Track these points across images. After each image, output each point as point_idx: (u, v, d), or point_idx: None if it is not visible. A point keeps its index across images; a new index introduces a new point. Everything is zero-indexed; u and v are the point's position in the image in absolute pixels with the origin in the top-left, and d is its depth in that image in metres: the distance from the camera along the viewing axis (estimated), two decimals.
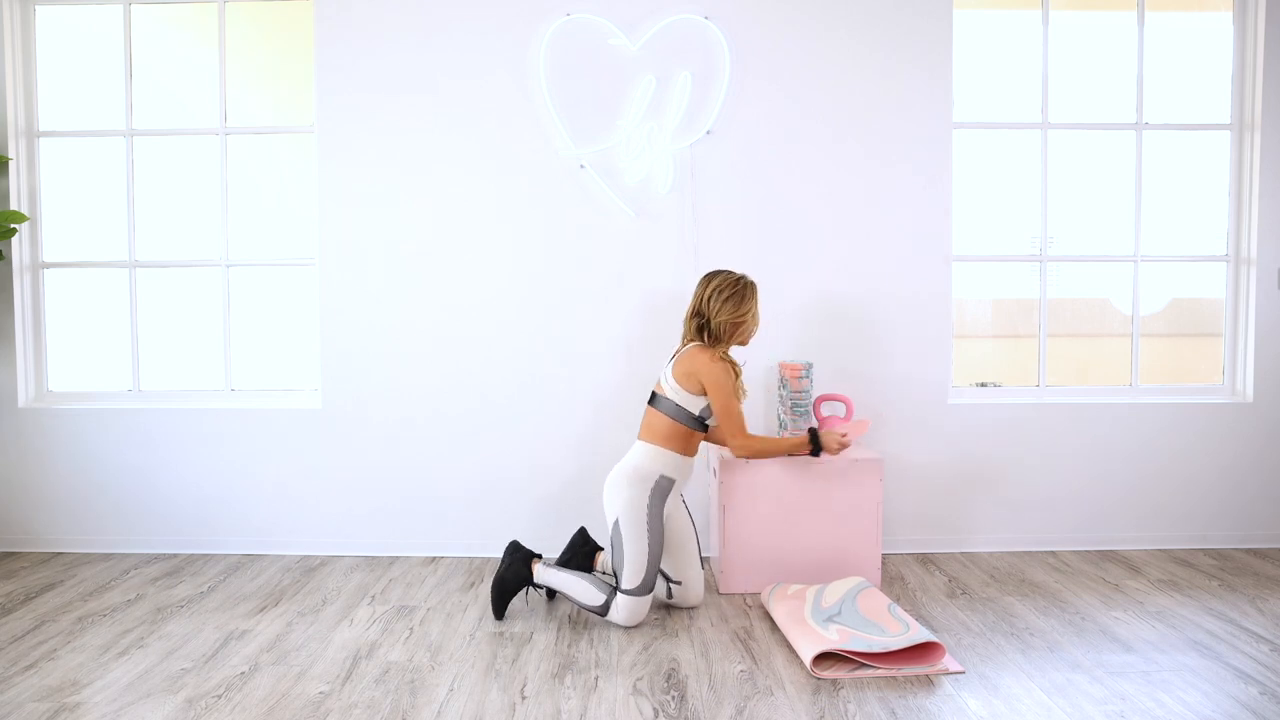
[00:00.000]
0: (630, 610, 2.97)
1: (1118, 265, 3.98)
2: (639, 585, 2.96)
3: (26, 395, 3.91)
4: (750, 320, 3.12)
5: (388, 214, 3.77)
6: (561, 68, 3.71)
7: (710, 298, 3.08)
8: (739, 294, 3.09)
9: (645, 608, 2.99)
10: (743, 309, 3.08)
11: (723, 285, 3.09)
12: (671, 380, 3.05)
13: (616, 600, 2.97)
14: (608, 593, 2.99)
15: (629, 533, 2.98)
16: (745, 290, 3.10)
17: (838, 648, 2.66)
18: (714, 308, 3.07)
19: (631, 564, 2.97)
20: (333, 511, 3.83)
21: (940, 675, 2.63)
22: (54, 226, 3.94)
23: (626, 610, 2.96)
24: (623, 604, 2.96)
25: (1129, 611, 3.13)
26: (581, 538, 3.35)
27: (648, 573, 2.97)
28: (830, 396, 3.66)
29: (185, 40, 3.95)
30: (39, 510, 3.89)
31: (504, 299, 3.78)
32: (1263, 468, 3.89)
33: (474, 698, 2.51)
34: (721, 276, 3.12)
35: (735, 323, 3.08)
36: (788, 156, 3.76)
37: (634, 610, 2.97)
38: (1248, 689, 2.54)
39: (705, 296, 3.09)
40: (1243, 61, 3.88)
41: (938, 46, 3.75)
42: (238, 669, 2.70)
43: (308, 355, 3.92)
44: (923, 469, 3.84)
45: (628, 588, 2.96)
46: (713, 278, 3.13)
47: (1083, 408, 3.86)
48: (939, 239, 3.80)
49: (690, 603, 3.17)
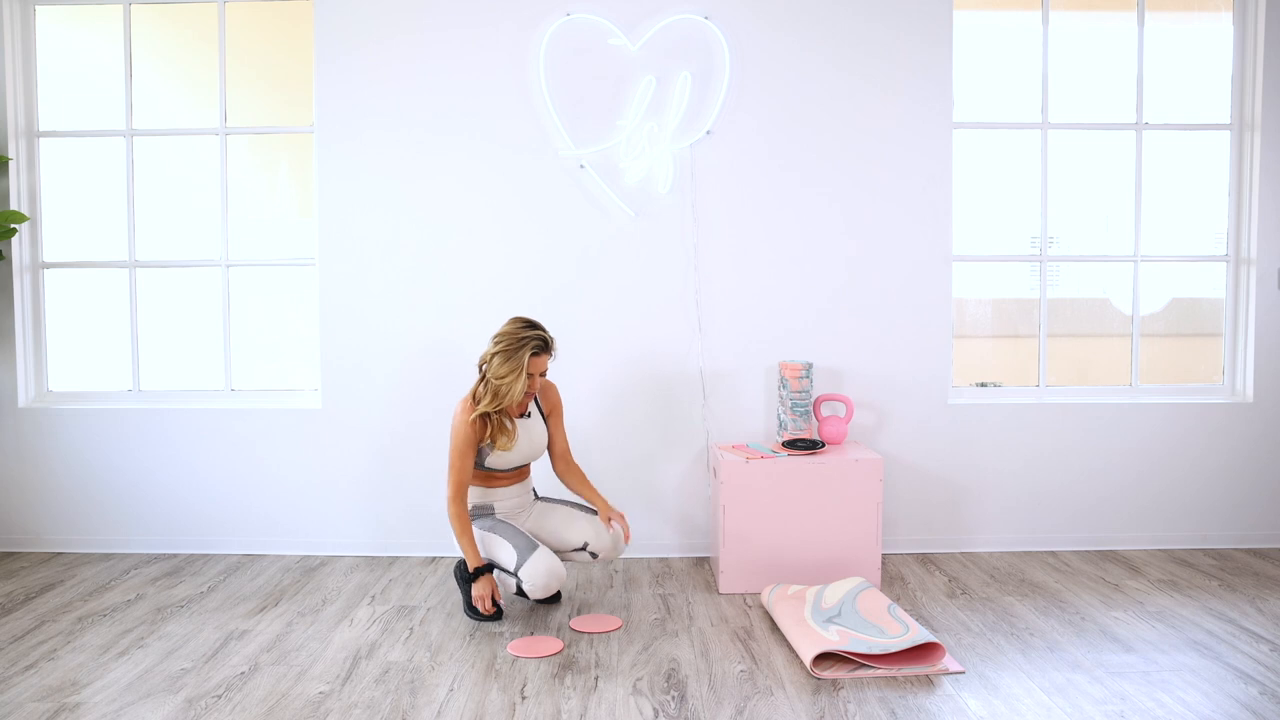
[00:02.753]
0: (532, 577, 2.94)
1: (1118, 265, 3.98)
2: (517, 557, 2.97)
3: (26, 395, 3.91)
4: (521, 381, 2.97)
5: (388, 214, 3.77)
6: (561, 68, 3.71)
7: (494, 364, 2.99)
8: (513, 354, 2.98)
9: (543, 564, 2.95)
10: (514, 369, 2.97)
11: (500, 342, 3.00)
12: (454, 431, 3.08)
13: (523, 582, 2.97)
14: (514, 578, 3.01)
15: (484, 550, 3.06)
16: (521, 349, 2.98)
17: (837, 648, 2.66)
18: (496, 370, 2.98)
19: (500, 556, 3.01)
20: (333, 511, 3.83)
21: (940, 675, 2.63)
22: (54, 226, 3.94)
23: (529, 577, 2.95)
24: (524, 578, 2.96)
25: (1129, 611, 3.14)
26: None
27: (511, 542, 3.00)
28: (830, 396, 3.66)
29: (182, 39, 3.95)
30: (39, 510, 3.89)
31: (504, 299, 3.77)
32: (1262, 468, 3.89)
33: (474, 698, 2.51)
34: (504, 329, 3.04)
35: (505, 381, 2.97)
36: (787, 156, 3.76)
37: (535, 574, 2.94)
38: (1248, 689, 2.54)
39: (488, 359, 3.03)
40: (1243, 61, 3.88)
41: (938, 47, 3.75)
42: (238, 669, 2.70)
43: (308, 355, 3.92)
44: (923, 469, 3.84)
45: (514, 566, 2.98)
46: (499, 332, 3.05)
47: (1083, 408, 3.86)
48: (939, 239, 3.80)
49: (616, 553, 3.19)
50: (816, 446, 3.48)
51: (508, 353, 2.97)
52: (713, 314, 3.78)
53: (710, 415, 3.78)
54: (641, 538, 3.74)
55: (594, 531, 3.16)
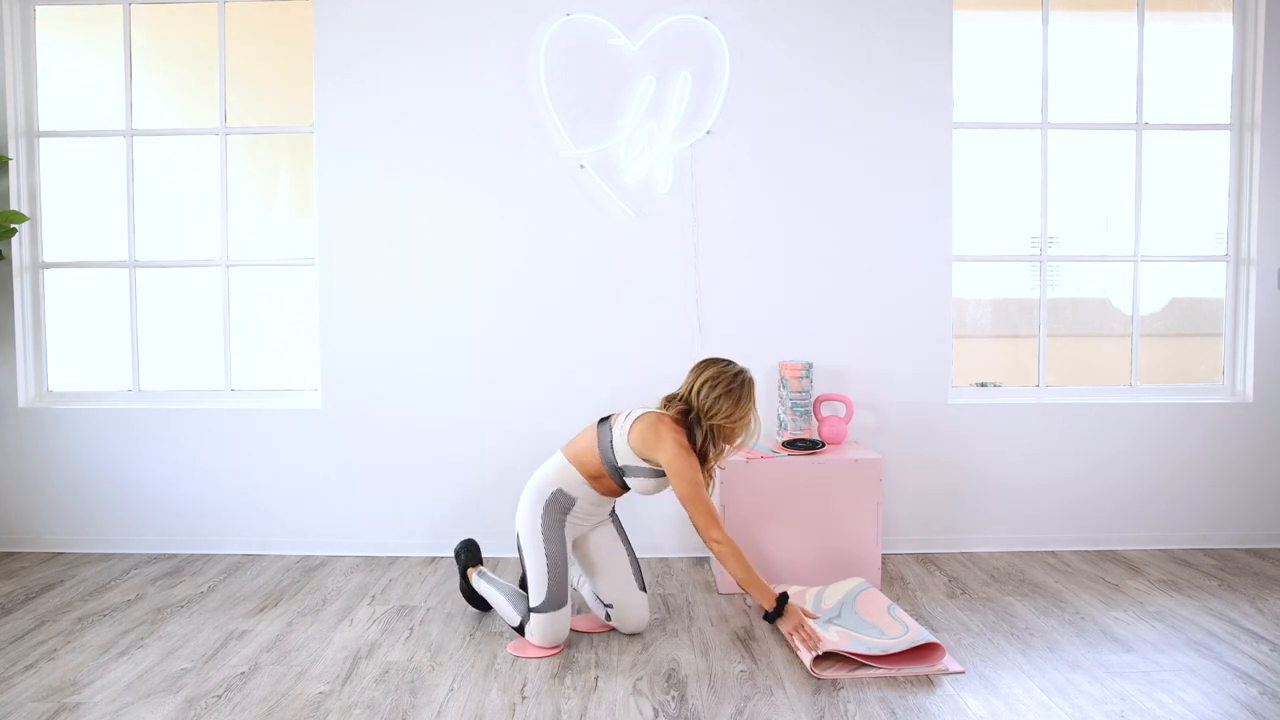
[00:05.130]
0: (543, 628, 2.76)
1: (1118, 265, 3.98)
2: (545, 600, 2.76)
3: (26, 395, 3.91)
4: (741, 426, 2.79)
5: (387, 214, 3.76)
6: (561, 68, 3.71)
7: (702, 389, 2.78)
8: (740, 397, 2.77)
9: (560, 626, 2.78)
10: (740, 414, 2.77)
11: (718, 378, 2.78)
12: (626, 433, 2.81)
13: (530, 621, 2.80)
14: (523, 614, 2.84)
15: (527, 545, 2.82)
16: (746, 391, 2.79)
17: (837, 648, 2.66)
18: (707, 403, 2.76)
19: (535, 577, 2.79)
20: (333, 511, 3.83)
21: (940, 675, 2.63)
22: (54, 226, 3.94)
23: (539, 630, 2.76)
24: (534, 624, 2.77)
25: (1129, 611, 3.14)
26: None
27: (551, 585, 2.76)
28: (830, 396, 3.66)
29: (182, 39, 3.95)
30: (39, 510, 3.88)
31: (503, 299, 3.78)
32: (1263, 467, 3.89)
33: (474, 698, 2.51)
34: (717, 368, 2.81)
35: (729, 426, 2.78)
36: (787, 156, 3.76)
37: (546, 629, 2.76)
38: (1248, 689, 2.54)
39: (696, 387, 2.80)
40: (1243, 62, 3.88)
41: (938, 47, 3.75)
42: (238, 669, 2.70)
43: (308, 355, 3.92)
44: (923, 469, 3.84)
45: (535, 604, 2.78)
46: (706, 367, 2.83)
47: (1083, 408, 3.86)
48: (939, 239, 3.80)
49: (630, 628, 2.92)
50: (816, 446, 3.48)
51: (734, 393, 2.76)
52: (713, 313, 3.78)
53: None
54: (641, 538, 3.73)
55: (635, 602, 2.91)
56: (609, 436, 2.84)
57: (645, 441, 2.77)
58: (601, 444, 2.84)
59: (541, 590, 2.78)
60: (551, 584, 2.77)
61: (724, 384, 2.77)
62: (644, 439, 2.78)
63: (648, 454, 2.78)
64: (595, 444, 2.85)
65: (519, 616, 2.86)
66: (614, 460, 2.82)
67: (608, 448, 2.83)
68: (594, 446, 2.85)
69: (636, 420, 2.82)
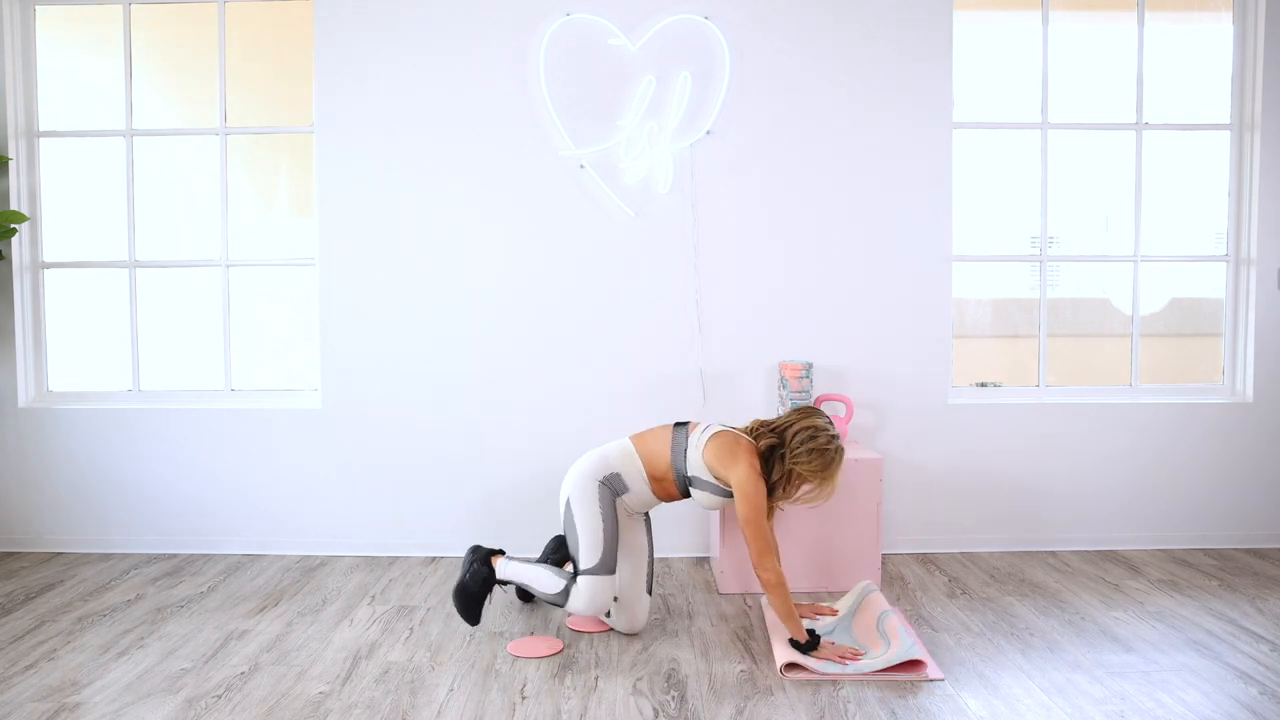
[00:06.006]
0: (590, 592, 2.77)
1: (1118, 265, 3.98)
2: (597, 563, 2.78)
3: (26, 395, 3.91)
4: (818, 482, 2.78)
5: (387, 214, 3.76)
6: (561, 68, 3.71)
7: (800, 434, 2.77)
8: (831, 460, 2.76)
9: (606, 592, 2.79)
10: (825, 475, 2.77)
11: (818, 432, 2.76)
12: (701, 446, 2.83)
13: (576, 584, 2.80)
14: (567, 579, 2.84)
15: (581, 510, 2.82)
16: (837, 458, 2.78)
17: (806, 664, 2.63)
18: (799, 449, 2.76)
19: (587, 540, 2.80)
20: (333, 511, 3.83)
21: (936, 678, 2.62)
22: (54, 226, 3.94)
23: (587, 592, 2.77)
24: (582, 585, 2.78)
25: (1129, 611, 3.14)
26: (556, 543, 3.20)
27: (605, 549, 2.79)
28: (830, 396, 3.66)
29: (182, 39, 3.95)
30: (39, 510, 3.88)
31: (503, 299, 3.78)
32: (1263, 468, 3.89)
33: (474, 698, 2.51)
34: (822, 422, 2.80)
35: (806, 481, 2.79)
36: (787, 156, 3.76)
37: (594, 592, 2.77)
38: (1248, 689, 2.54)
39: (796, 429, 2.78)
40: (1243, 62, 3.88)
41: (938, 47, 3.75)
42: (238, 669, 2.70)
43: (308, 355, 3.92)
44: (923, 469, 3.84)
45: (586, 567, 2.79)
46: (812, 416, 2.82)
47: (1083, 408, 3.86)
48: (939, 239, 3.80)
49: (627, 626, 2.91)
50: None
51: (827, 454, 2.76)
52: (713, 314, 3.78)
53: (710, 415, 3.78)
54: None
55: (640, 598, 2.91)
56: (683, 444, 2.87)
57: (720, 459, 2.80)
58: (675, 449, 2.87)
59: (595, 553, 2.79)
60: (605, 548, 2.80)
61: (822, 441, 2.77)
62: (719, 456, 2.80)
63: (720, 471, 2.80)
64: (668, 447, 2.88)
65: (563, 580, 2.84)
66: (684, 469, 2.85)
67: (680, 455, 2.86)
68: (666, 450, 2.88)
69: (715, 435, 2.85)
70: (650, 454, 2.90)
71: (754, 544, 2.73)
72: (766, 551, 2.73)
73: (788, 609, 2.71)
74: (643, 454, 2.91)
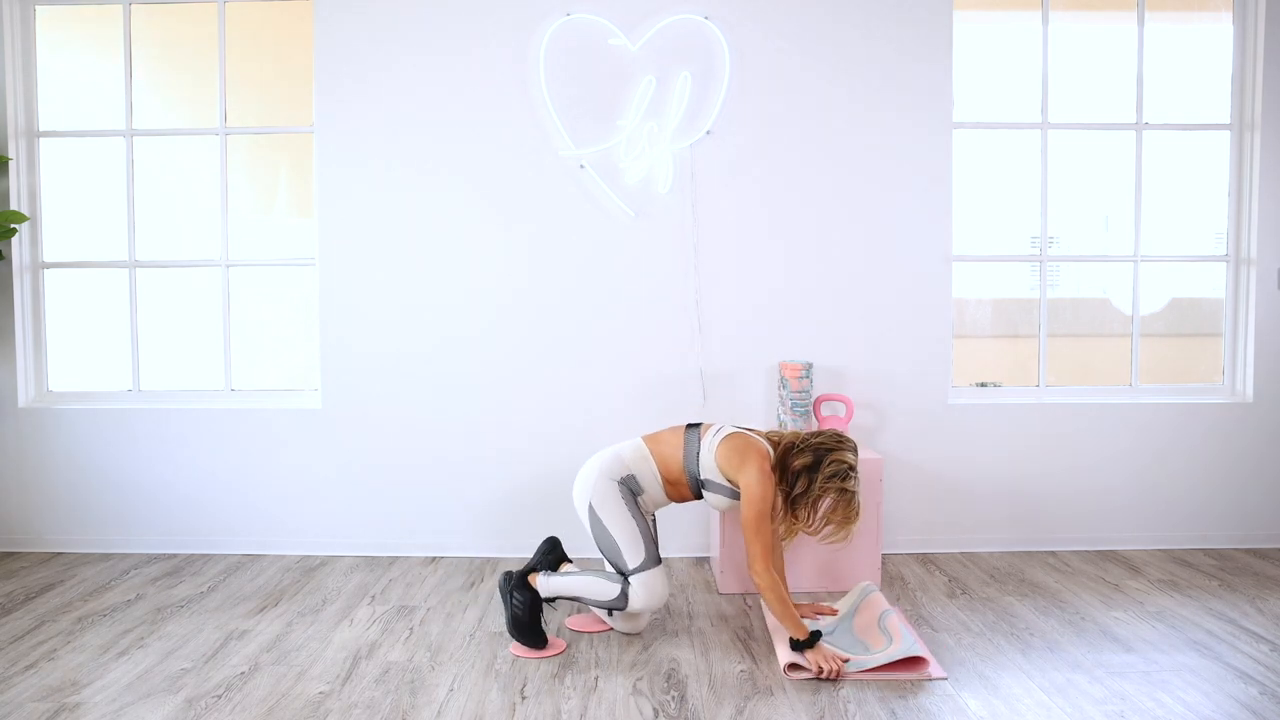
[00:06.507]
0: (648, 588, 2.75)
1: (1118, 265, 3.98)
2: (644, 559, 2.77)
3: (26, 395, 3.91)
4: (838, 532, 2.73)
5: (387, 214, 3.76)
6: (561, 68, 3.71)
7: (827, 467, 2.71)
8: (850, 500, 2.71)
9: (662, 582, 2.79)
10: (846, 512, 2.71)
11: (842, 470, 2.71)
12: (714, 448, 2.81)
13: (631, 586, 2.77)
14: (620, 581, 2.79)
15: (609, 514, 2.80)
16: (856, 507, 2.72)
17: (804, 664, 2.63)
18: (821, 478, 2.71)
19: (626, 541, 2.78)
20: (333, 511, 3.83)
21: (939, 678, 2.62)
22: (54, 226, 3.94)
23: (645, 589, 2.75)
24: (638, 584, 2.75)
25: (1129, 611, 3.13)
26: (549, 545, 3.04)
27: (646, 544, 2.78)
28: (830, 396, 3.66)
29: (182, 39, 3.95)
30: (39, 510, 3.88)
31: (503, 299, 3.78)
32: (1263, 468, 3.89)
33: (474, 698, 2.51)
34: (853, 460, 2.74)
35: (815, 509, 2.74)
36: (787, 156, 3.76)
37: (651, 586, 2.76)
38: (1248, 689, 2.54)
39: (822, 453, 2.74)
40: (1243, 62, 3.88)
41: (938, 47, 3.75)
42: (238, 669, 2.70)
43: (308, 355, 3.92)
44: (923, 469, 3.84)
45: (634, 566, 2.77)
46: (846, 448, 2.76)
47: (1083, 408, 3.86)
48: (939, 239, 3.80)
49: (630, 627, 2.91)
50: None
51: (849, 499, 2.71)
52: (713, 314, 3.78)
53: (710, 415, 3.78)
54: None
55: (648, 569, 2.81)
56: (695, 447, 2.85)
57: (731, 461, 2.78)
58: (687, 453, 2.86)
59: (638, 551, 2.78)
60: (645, 544, 2.79)
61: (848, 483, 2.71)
62: (729, 458, 2.78)
63: (731, 473, 2.79)
64: (681, 450, 2.87)
65: (618, 584, 2.78)
66: (697, 472, 2.84)
67: (693, 458, 2.85)
68: (679, 454, 2.87)
69: (727, 437, 2.83)
70: (664, 457, 2.89)
71: (752, 547, 2.72)
72: (764, 556, 2.70)
73: (783, 610, 2.70)
74: (657, 456, 2.90)
